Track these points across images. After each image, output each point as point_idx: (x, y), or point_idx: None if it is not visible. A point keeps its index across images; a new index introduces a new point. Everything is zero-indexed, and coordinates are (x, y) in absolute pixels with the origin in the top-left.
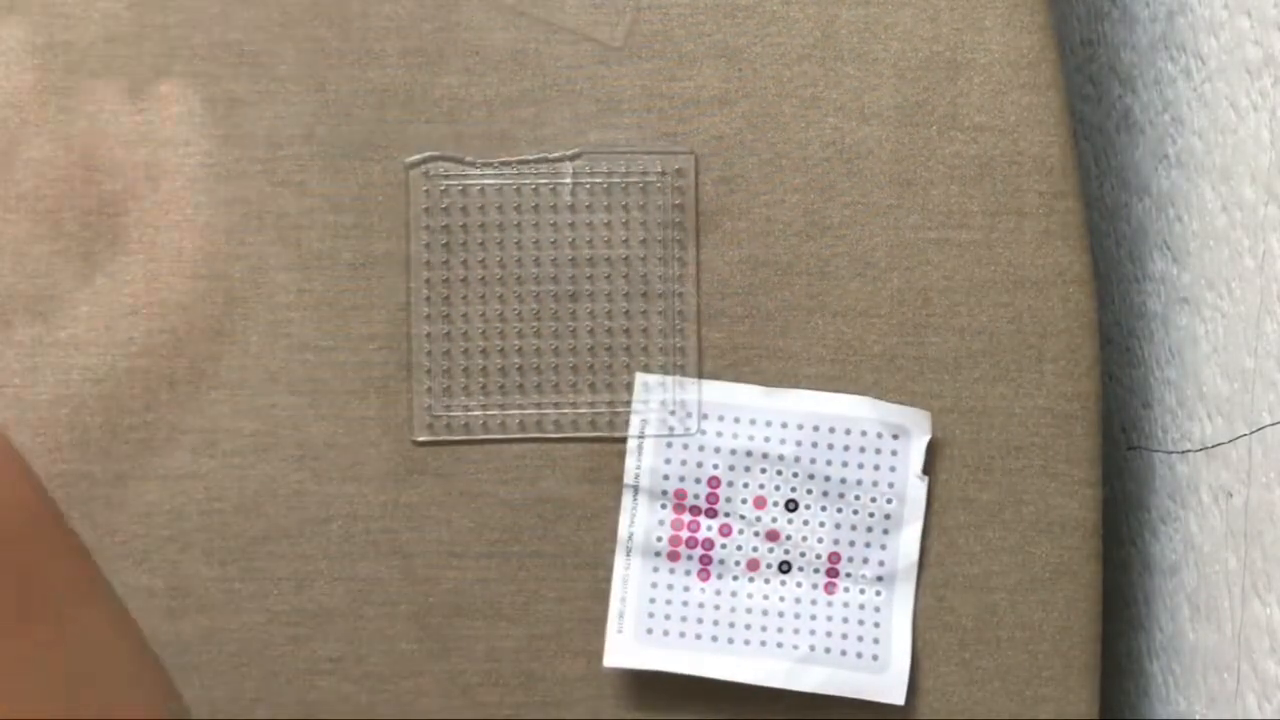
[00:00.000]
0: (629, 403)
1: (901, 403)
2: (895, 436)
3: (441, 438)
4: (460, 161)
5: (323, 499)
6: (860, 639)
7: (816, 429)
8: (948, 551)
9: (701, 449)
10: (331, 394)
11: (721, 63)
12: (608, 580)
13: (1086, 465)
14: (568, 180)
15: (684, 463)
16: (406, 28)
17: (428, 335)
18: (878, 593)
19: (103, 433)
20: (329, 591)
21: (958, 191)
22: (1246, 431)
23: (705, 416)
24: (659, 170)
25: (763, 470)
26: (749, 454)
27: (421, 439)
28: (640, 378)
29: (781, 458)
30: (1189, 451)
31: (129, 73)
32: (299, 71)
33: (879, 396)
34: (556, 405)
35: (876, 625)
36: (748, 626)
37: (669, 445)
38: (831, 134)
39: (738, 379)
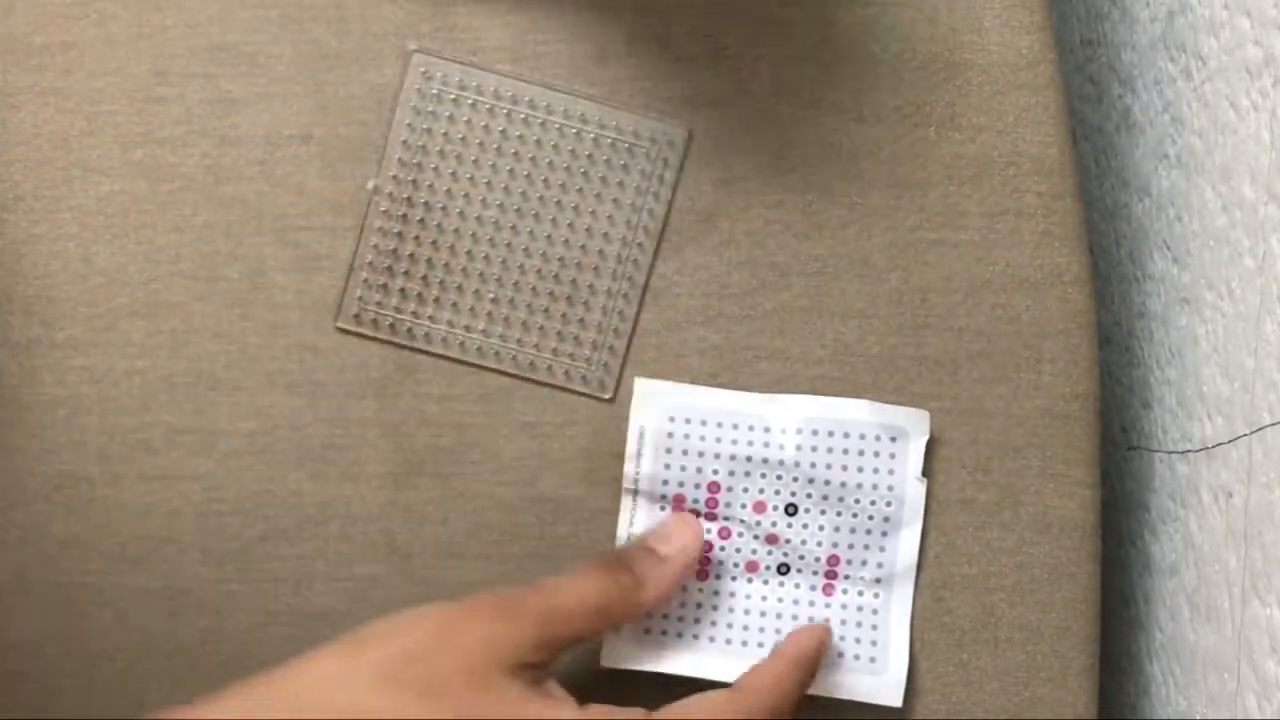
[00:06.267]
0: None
1: (900, 403)
2: (894, 439)
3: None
4: None
5: (321, 500)
6: (858, 641)
7: (815, 433)
8: (946, 552)
9: (701, 455)
10: (329, 395)
11: (721, 63)
12: None
13: (1085, 466)
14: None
15: (683, 469)
16: (404, 28)
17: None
18: (876, 595)
19: (100, 434)
20: (327, 592)
21: (956, 192)
22: (1246, 431)
23: (704, 423)
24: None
25: (762, 475)
26: (748, 459)
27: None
28: (639, 383)
29: (781, 463)
30: (1189, 451)
31: (129, 73)
32: (297, 72)
33: (877, 397)
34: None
35: (874, 627)
36: (745, 628)
37: (668, 451)
38: (830, 135)
39: (736, 380)
